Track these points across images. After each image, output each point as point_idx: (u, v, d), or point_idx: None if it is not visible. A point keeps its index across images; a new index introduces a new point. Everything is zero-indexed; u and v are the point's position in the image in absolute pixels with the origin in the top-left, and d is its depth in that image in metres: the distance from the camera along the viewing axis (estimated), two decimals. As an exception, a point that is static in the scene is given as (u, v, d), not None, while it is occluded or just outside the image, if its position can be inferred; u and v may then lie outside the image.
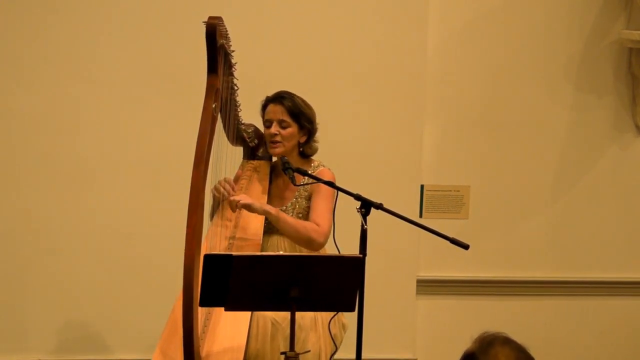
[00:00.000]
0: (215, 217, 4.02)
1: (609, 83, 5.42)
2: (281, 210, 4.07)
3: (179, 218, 3.71)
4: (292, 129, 4.04)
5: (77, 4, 5.03)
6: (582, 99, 5.42)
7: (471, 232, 5.28)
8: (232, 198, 3.86)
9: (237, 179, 4.09)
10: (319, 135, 4.14)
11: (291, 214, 4.06)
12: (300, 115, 4.04)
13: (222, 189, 4.00)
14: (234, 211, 3.89)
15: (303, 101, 4.09)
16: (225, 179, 4.00)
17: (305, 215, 4.04)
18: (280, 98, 4.05)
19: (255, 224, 3.97)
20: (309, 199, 4.05)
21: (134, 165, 5.11)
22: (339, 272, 3.39)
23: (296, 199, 4.07)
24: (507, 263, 5.46)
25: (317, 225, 3.94)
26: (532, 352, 2.58)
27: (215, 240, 3.89)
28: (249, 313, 3.73)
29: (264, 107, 4.09)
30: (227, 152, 3.97)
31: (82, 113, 5.08)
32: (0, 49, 5.02)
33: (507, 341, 2.54)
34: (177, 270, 3.49)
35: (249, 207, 3.86)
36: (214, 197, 4.03)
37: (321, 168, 4.06)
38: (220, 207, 4.04)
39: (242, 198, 3.85)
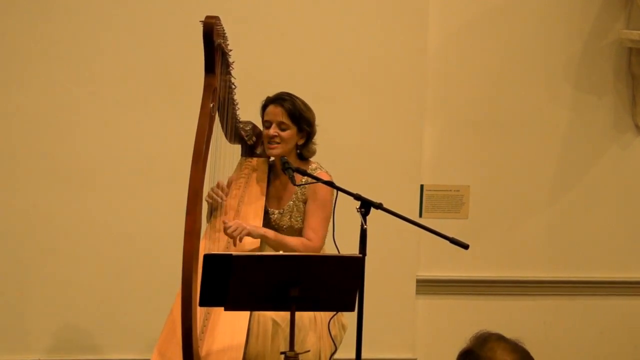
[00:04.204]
0: (212, 218, 4.02)
1: (608, 83, 5.42)
2: (279, 213, 4.07)
3: (178, 218, 3.71)
4: (291, 131, 4.03)
5: (77, 4, 5.03)
6: (582, 98, 5.42)
7: (471, 231, 5.28)
8: (229, 231, 3.84)
9: (229, 184, 4.08)
10: (318, 135, 4.14)
11: (289, 216, 4.06)
12: (300, 118, 4.03)
13: (215, 196, 3.99)
14: (235, 245, 3.88)
15: (303, 103, 4.07)
16: (218, 184, 3.99)
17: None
18: (280, 100, 4.04)
19: (253, 223, 3.96)
20: (306, 202, 4.05)
21: (132, 165, 5.11)
22: (339, 272, 3.39)
23: (293, 201, 4.07)
24: (507, 263, 5.46)
25: (309, 239, 3.97)
26: (532, 352, 2.59)
27: (214, 240, 3.89)
28: (248, 312, 3.73)
29: (264, 108, 4.08)
30: (226, 150, 3.98)
31: (81, 113, 5.08)
32: (0, 49, 5.02)
33: (501, 337, 2.58)
34: (176, 270, 3.49)
35: (249, 235, 3.87)
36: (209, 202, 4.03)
37: (319, 171, 4.05)
38: (217, 209, 4.03)
39: (239, 228, 3.83)
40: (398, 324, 5.33)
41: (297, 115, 4.02)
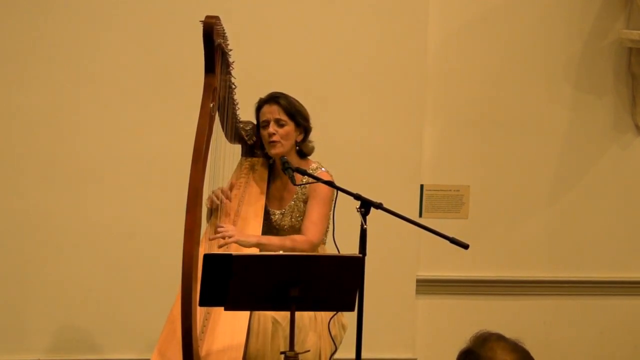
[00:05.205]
0: (212, 218, 4.02)
1: (608, 83, 5.42)
2: (280, 213, 4.08)
3: (178, 217, 3.71)
4: (289, 127, 4.05)
5: (77, 4, 5.03)
6: (582, 98, 5.42)
7: (471, 231, 5.28)
8: (219, 229, 3.83)
9: (230, 188, 4.08)
10: (318, 135, 4.15)
11: (290, 217, 4.06)
12: (295, 113, 4.06)
13: (216, 199, 3.98)
14: (220, 245, 3.88)
15: (296, 100, 4.10)
16: (219, 188, 3.99)
17: None
18: (274, 98, 4.08)
19: (253, 224, 3.97)
20: (306, 202, 4.05)
21: (132, 165, 5.11)
22: (339, 271, 3.39)
23: (294, 201, 4.07)
24: (507, 263, 5.46)
25: (308, 233, 3.96)
26: (532, 352, 2.59)
27: (213, 240, 3.89)
28: (248, 311, 3.73)
29: (259, 109, 4.10)
30: (226, 150, 3.98)
31: (81, 113, 5.08)
32: (1, 49, 5.02)
33: (501, 337, 2.59)
34: (176, 269, 3.48)
35: (238, 243, 3.84)
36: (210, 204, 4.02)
37: (320, 170, 4.05)
38: (218, 210, 4.03)
39: (232, 234, 3.82)
40: (398, 324, 5.33)
41: (293, 111, 4.06)
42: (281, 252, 3.81)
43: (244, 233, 3.89)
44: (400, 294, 5.32)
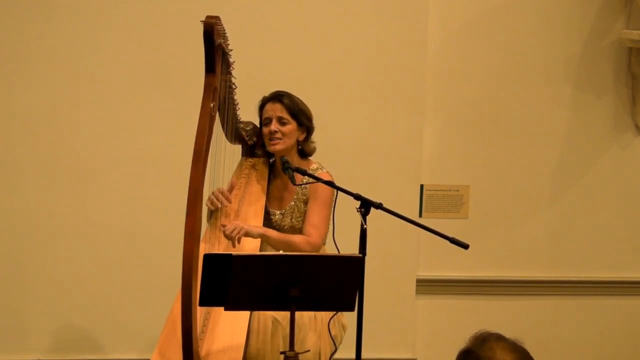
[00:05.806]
0: (212, 219, 4.02)
1: (608, 83, 5.42)
2: (280, 214, 4.08)
3: (178, 217, 3.71)
4: (291, 126, 4.06)
5: (77, 4, 5.03)
6: (582, 98, 5.42)
7: (471, 231, 5.28)
8: (227, 232, 3.83)
9: (231, 188, 4.08)
10: (318, 135, 4.15)
11: (290, 217, 4.06)
12: (298, 112, 4.06)
13: (216, 201, 3.98)
14: (234, 245, 3.88)
15: (300, 100, 4.10)
16: (219, 189, 3.99)
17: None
18: (278, 96, 4.08)
19: (253, 224, 3.96)
20: (306, 202, 4.05)
21: (133, 165, 5.11)
22: (339, 271, 3.39)
23: (295, 202, 4.07)
24: (507, 263, 5.46)
25: (310, 236, 3.97)
26: (532, 352, 2.59)
27: (214, 240, 3.89)
28: (248, 311, 3.73)
29: (262, 107, 4.10)
30: (226, 150, 3.98)
31: (81, 113, 5.08)
32: (1, 49, 5.02)
33: (500, 337, 2.59)
34: (176, 270, 3.49)
35: (248, 235, 3.86)
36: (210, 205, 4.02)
37: (320, 171, 4.05)
38: (217, 210, 4.03)
39: (237, 228, 3.82)
40: (398, 324, 5.33)
41: (296, 110, 4.06)
42: (281, 252, 3.82)
43: (247, 223, 3.90)
44: (400, 294, 5.32)
